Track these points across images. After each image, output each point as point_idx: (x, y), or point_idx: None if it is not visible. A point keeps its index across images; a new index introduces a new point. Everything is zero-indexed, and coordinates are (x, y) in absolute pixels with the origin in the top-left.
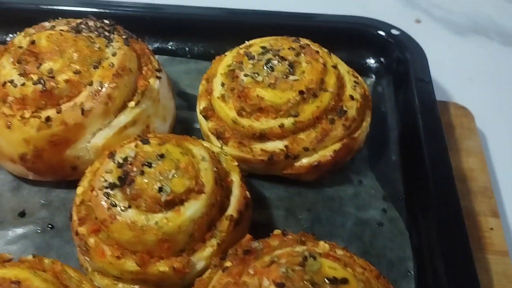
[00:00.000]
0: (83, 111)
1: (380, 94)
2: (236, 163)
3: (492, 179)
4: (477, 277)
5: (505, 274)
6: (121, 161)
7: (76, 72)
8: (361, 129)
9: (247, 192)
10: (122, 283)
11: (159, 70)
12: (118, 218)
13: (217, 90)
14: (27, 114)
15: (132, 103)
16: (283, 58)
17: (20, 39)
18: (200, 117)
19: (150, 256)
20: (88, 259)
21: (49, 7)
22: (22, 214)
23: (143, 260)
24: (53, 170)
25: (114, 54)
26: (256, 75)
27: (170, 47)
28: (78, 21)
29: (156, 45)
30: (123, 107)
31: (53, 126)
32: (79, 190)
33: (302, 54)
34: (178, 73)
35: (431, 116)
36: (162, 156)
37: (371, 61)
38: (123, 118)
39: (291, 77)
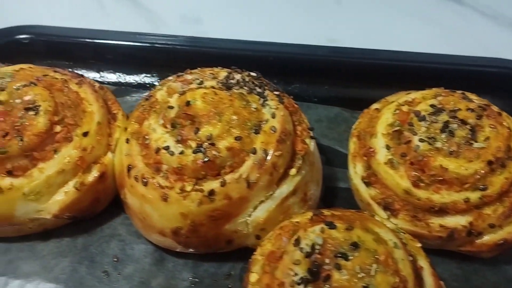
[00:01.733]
0: (248, 184)
1: None
2: (419, 245)
3: None
4: None
5: None
6: (308, 249)
7: (238, 138)
8: None
9: (442, 282)
10: None
11: (311, 129)
12: None
13: (382, 154)
14: (188, 187)
15: (293, 171)
16: (462, 121)
17: (163, 95)
18: (358, 182)
19: None
20: None
21: (160, 45)
22: None
23: None
24: (206, 244)
25: (273, 116)
26: (433, 140)
27: (291, 90)
28: (224, 73)
29: None
30: (284, 175)
31: (216, 200)
32: (253, 277)
33: (484, 117)
34: (309, 121)
35: None
36: (355, 245)
37: None
38: (285, 188)
39: (476, 144)
